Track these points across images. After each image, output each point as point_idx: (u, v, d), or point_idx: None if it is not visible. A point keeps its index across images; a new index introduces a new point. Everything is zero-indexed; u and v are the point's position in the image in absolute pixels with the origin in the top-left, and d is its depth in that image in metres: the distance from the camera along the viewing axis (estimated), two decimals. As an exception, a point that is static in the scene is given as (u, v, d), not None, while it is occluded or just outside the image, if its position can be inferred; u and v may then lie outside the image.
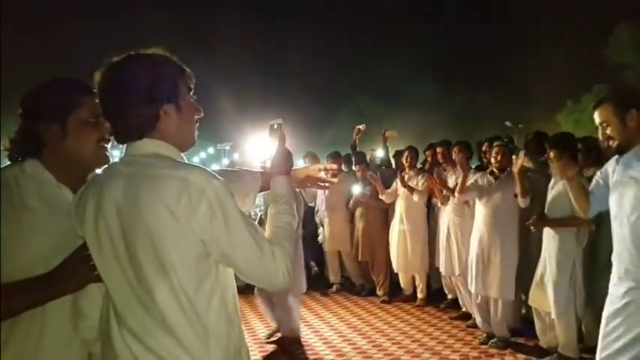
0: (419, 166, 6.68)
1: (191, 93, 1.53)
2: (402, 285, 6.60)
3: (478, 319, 5.02)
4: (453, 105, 27.72)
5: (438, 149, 6.16)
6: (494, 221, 4.77)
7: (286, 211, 1.57)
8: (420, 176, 6.17)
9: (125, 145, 1.49)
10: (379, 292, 6.76)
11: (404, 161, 6.37)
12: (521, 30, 29.89)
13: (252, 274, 1.44)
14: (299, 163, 5.74)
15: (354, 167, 6.94)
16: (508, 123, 27.12)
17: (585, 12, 27.75)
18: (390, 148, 7.57)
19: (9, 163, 1.72)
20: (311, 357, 4.79)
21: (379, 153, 7.55)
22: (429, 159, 6.65)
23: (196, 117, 1.55)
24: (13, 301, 1.52)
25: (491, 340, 4.79)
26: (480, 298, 4.89)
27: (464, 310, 5.65)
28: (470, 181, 5.03)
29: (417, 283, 6.45)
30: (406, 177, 6.27)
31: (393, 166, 7.24)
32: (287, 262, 1.44)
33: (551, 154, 3.98)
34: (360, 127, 7.01)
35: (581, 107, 25.50)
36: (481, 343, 4.86)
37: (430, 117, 26.74)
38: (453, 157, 5.56)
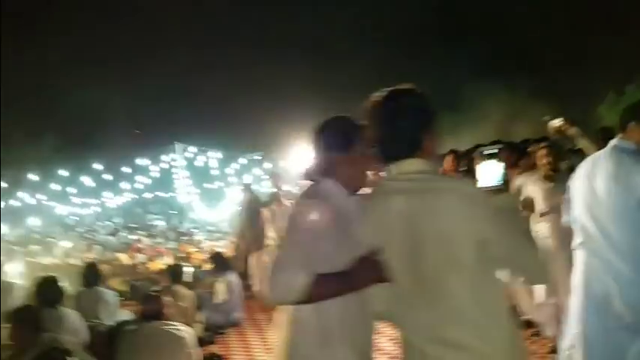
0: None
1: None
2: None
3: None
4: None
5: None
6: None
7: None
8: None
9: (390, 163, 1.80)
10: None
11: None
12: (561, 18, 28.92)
13: (525, 267, 1.74)
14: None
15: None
16: (547, 118, 26.22)
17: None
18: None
19: (308, 182, 2.13)
20: None
21: None
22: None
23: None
24: (330, 289, 1.85)
25: None
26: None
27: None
28: None
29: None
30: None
31: None
32: None
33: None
34: None
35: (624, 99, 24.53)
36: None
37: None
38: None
